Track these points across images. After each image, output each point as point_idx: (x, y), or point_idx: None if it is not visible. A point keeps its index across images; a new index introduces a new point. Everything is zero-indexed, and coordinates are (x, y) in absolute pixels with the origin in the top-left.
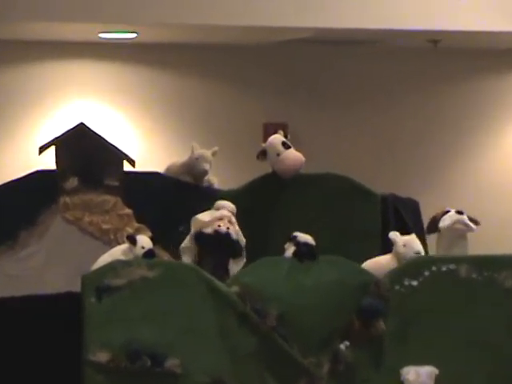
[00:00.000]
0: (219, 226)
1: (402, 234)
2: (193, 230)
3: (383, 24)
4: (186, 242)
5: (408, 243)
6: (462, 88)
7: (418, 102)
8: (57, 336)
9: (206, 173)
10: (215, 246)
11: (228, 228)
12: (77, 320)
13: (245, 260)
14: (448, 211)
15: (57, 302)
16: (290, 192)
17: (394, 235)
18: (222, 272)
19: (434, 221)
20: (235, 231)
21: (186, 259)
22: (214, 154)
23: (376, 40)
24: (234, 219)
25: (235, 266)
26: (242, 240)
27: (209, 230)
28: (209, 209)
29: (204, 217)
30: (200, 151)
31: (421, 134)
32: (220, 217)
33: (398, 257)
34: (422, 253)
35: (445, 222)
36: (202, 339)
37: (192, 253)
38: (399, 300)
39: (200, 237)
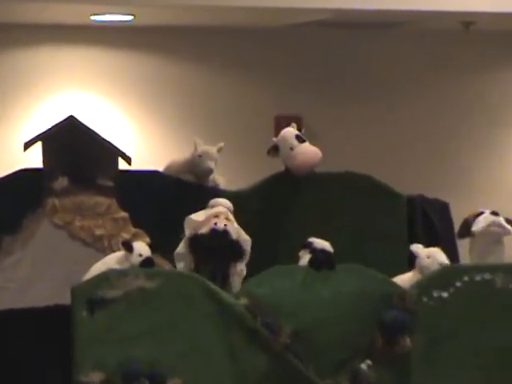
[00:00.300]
0: (215, 223)
1: (431, 239)
2: (187, 232)
3: (410, 5)
4: (181, 247)
5: (432, 254)
6: (498, 76)
7: (449, 92)
8: (44, 355)
9: (210, 172)
10: (213, 248)
11: (225, 225)
12: (66, 336)
13: (245, 266)
14: (482, 213)
15: (44, 317)
16: (306, 193)
17: (416, 248)
18: (222, 278)
19: (466, 224)
20: (234, 229)
21: (181, 266)
22: (219, 150)
23: (402, 22)
24: (231, 216)
25: (236, 271)
26: (245, 239)
27: (204, 230)
28: None
29: (198, 216)
30: (204, 147)
31: (451, 126)
32: (215, 214)
33: (422, 271)
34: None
35: (478, 224)
36: (206, 358)
37: (187, 259)
38: (427, 314)
39: (195, 239)
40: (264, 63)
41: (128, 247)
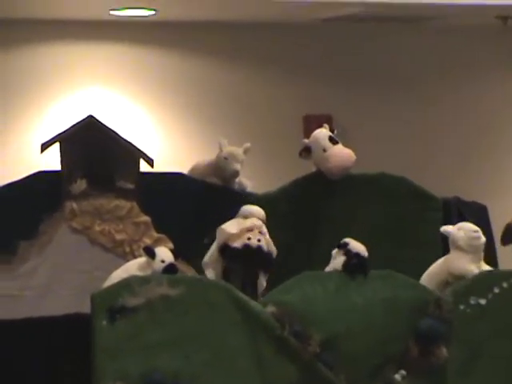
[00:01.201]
0: (249, 238)
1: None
2: (218, 241)
3: None
4: (210, 255)
5: (462, 226)
6: None
7: (485, 89)
8: (63, 365)
9: (236, 174)
10: (245, 262)
11: (259, 240)
12: (86, 346)
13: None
14: None
15: (62, 326)
16: (337, 195)
17: (445, 227)
18: (252, 289)
19: (510, 229)
20: (266, 242)
21: (210, 275)
22: (245, 151)
23: (435, 16)
24: (264, 229)
25: (263, 280)
26: (273, 251)
27: (237, 244)
28: None
29: (231, 228)
30: (229, 149)
31: (487, 125)
32: (250, 227)
33: (457, 244)
34: (481, 235)
35: None
36: (232, 368)
37: (217, 268)
38: (464, 322)
39: (227, 250)
40: (293, 60)
41: (150, 253)
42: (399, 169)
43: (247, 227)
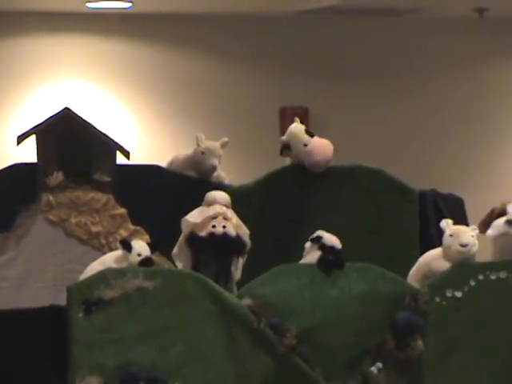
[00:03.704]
0: (213, 226)
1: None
2: (184, 232)
3: None
4: (178, 246)
5: (455, 233)
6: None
7: (462, 81)
8: (39, 358)
9: (214, 169)
10: (213, 250)
11: (224, 226)
12: (62, 339)
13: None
14: (505, 213)
15: (38, 318)
16: (314, 187)
17: (446, 222)
18: (225, 277)
19: (486, 220)
20: (235, 226)
21: (180, 266)
22: (223, 146)
23: (413, 9)
24: (230, 214)
25: (237, 266)
26: (245, 233)
27: (203, 233)
28: None
29: (195, 217)
30: (207, 143)
31: (463, 117)
32: (213, 215)
33: (444, 249)
34: (472, 247)
35: (492, 229)
36: (208, 360)
37: (187, 258)
38: (440, 314)
39: (193, 240)
40: (269, 52)
41: (126, 246)
42: (376, 161)
43: (211, 215)
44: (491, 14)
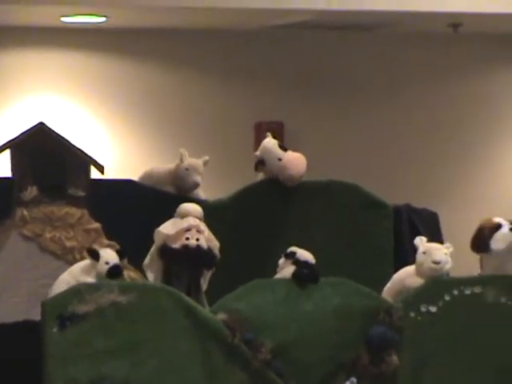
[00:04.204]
0: (187, 238)
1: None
2: (156, 243)
3: (395, 6)
4: (150, 258)
5: (429, 250)
6: (485, 79)
7: (435, 96)
8: (12, 373)
9: (196, 186)
10: (186, 263)
11: (198, 239)
12: (36, 353)
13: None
14: (500, 225)
15: (12, 333)
16: (288, 202)
17: (419, 240)
18: (196, 289)
19: (484, 238)
20: (206, 239)
21: (151, 277)
22: (205, 163)
23: (387, 24)
24: (202, 227)
25: (206, 278)
26: (216, 245)
27: (176, 245)
28: None
29: (168, 229)
30: (190, 160)
31: (437, 132)
32: (187, 227)
33: (417, 266)
34: (444, 264)
35: (499, 242)
36: (182, 376)
37: (158, 270)
38: (415, 329)
39: (166, 252)
40: (244, 67)
41: (94, 255)
42: (350, 176)
43: (184, 227)
44: (465, 28)
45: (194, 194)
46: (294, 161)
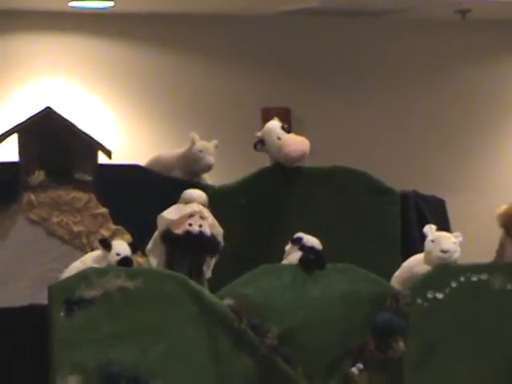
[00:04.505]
0: (190, 224)
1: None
2: (159, 228)
3: None
4: (153, 243)
5: (437, 239)
6: (494, 66)
7: (443, 82)
8: (19, 357)
9: (210, 167)
10: (188, 248)
11: (200, 225)
12: (43, 338)
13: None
14: None
15: (19, 317)
16: (295, 188)
17: (429, 228)
18: (197, 274)
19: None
20: (210, 226)
21: (153, 262)
22: (215, 147)
23: (394, 10)
24: (206, 213)
25: (209, 265)
26: (219, 232)
27: (179, 231)
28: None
29: (171, 214)
30: (203, 143)
31: (445, 118)
32: (190, 213)
33: (426, 254)
34: (453, 253)
35: None
36: (189, 360)
37: (161, 255)
38: (422, 316)
39: (169, 237)
40: (251, 53)
41: (106, 245)
42: (356, 162)
43: (187, 213)
44: (473, 15)
45: (201, 178)
46: (294, 140)
